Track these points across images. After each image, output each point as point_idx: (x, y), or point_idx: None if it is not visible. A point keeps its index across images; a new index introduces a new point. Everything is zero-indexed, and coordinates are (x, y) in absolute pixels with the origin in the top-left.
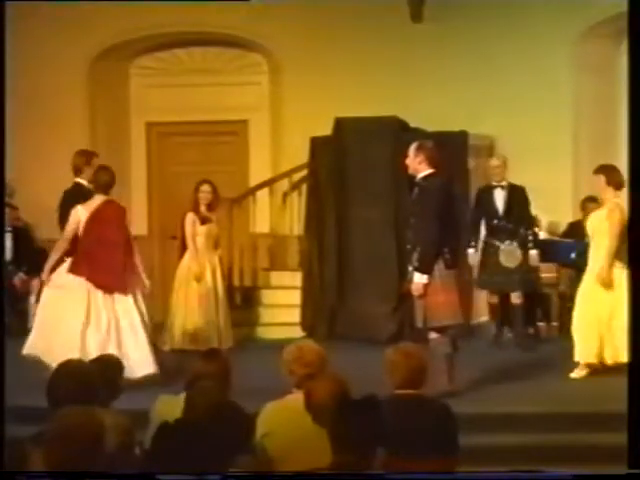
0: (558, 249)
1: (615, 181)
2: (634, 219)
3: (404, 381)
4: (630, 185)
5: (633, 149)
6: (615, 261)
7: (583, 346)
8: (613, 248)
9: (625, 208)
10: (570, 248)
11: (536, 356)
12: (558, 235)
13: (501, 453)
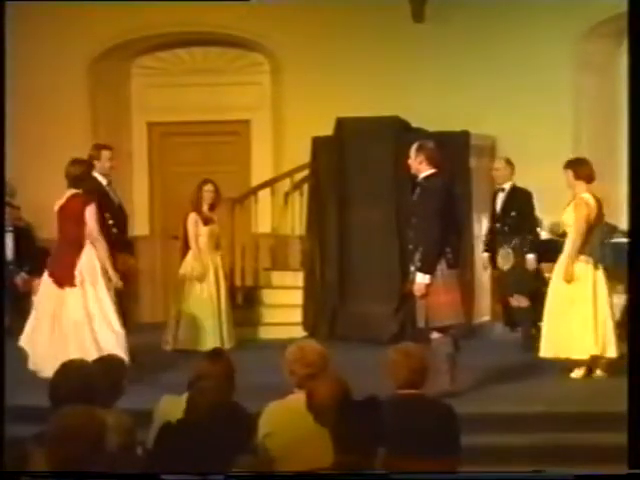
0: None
1: (584, 174)
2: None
3: (405, 381)
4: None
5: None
6: (579, 256)
7: (545, 341)
8: (577, 243)
9: (592, 202)
10: None
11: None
12: (559, 235)
13: (501, 453)
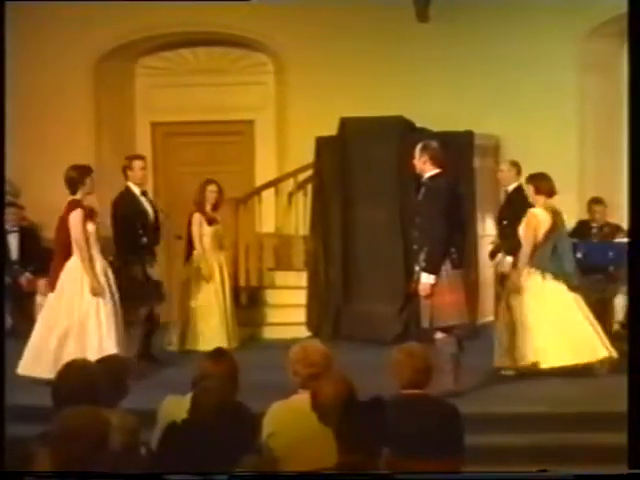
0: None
1: (544, 189)
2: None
3: (409, 381)
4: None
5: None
6: (527, 267)
7: (496, 349)
8: (524, 254)
9: (543, 216)
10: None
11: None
12: None
13: (502, 453)
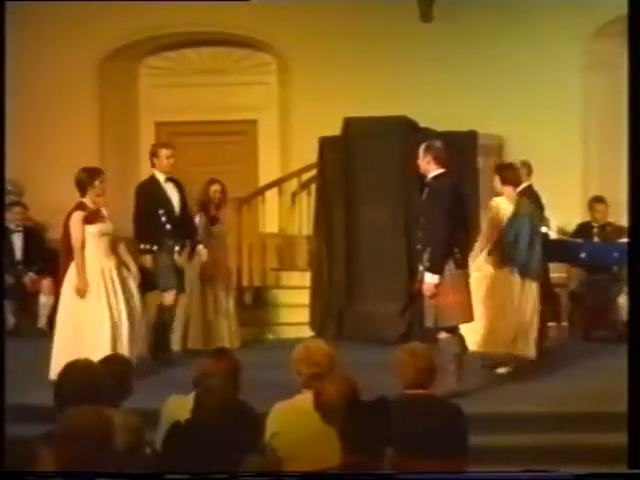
0: (568, 249)
1: (510, 179)
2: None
3: (412, 381)
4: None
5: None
6: (483, 254)
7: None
8: (481, 244)
9: (503, 204)
10: (580, 248)
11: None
12: (568, 235)
13: (502, 453)
